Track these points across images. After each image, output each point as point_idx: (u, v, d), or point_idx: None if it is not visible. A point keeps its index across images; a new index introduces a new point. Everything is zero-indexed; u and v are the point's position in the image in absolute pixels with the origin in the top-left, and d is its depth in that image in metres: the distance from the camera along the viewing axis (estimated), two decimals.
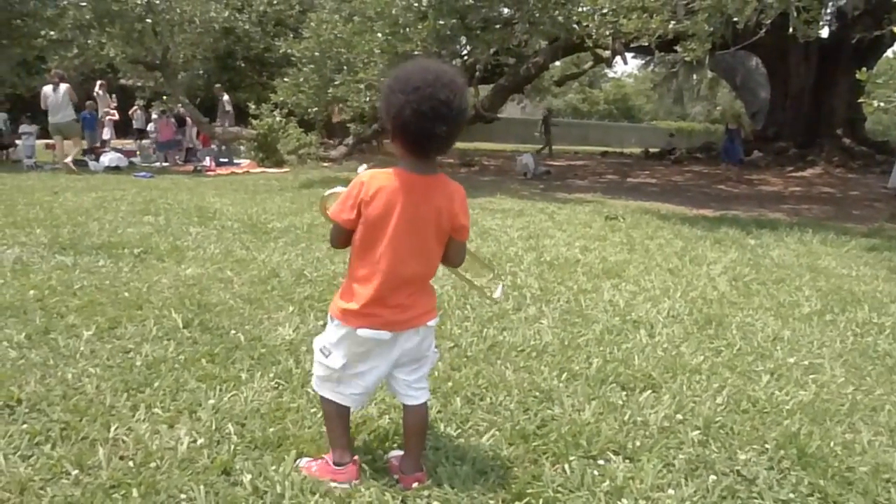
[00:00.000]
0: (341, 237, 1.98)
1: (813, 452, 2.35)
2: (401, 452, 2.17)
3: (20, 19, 13.50)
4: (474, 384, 2.81)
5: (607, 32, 11.05)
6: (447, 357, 3.12)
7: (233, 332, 3.29)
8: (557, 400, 2.71)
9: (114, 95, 17.36)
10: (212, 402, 2.48)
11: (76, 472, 2.01)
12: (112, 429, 2.27)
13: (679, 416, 2.61)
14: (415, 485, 2.04)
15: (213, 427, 2.30)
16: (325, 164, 15.78)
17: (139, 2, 12.98)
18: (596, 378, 2.95)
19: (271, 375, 2.76)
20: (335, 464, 2.04)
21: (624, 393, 2.83)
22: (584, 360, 3.19)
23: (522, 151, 21.66)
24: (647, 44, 9.98)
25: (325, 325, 2.13)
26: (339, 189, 2.05)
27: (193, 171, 14.04)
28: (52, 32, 12.95)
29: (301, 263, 4.91)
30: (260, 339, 3.22)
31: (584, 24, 11.27)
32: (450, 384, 2.77)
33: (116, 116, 16.92)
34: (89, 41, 13.36)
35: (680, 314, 4.08)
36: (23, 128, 13.98)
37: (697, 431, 2.49)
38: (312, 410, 2.46)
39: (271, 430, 2.29)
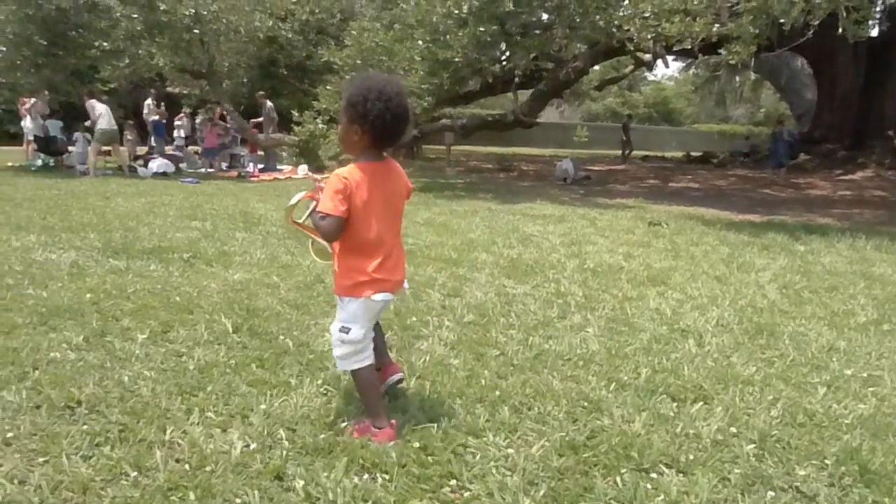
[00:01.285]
0: (338, 229, 2.27)
1: (876, 469, 2.27)
2: None
3: (75, 31, 13.97)
4: (521, 393, 2.79)
5: (649, 36, 10.93)
6: (493, 365, 3.11)
7: (281, 337, 3.33)
8: (606, 410, 2.68)
9: (162, 104, 17.83)
10: (263, 406, 2.51)
11: (135, 473, 2.06)
12: (168, 431, 2.32)
13: (733, 429, 2.55)
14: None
15: (265, 432, 2.34)
16: None
17: (187, 13, 13.29)
18: (645, 388, 2.91)
19: (319, 382, 2.79)
20: (376, 427, 2.33)
21: (674, 404, 2.78)
22: (632, 369, 3.15)
23: (561, 156, 21.55)
24: (689, 47, 9.83)
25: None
26: (299, 196, 2.43)
27: (237, 176, 14.31)
28: (105, 43, 13.35)
29: None
30: (307, 344, 3.26)
31: (625, 27, 11.15)
32: (497, 393, 2.76)
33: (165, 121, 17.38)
34: (140, 51, 13.73)
35: (729, 323, 4.00)
36: (76, 136, 14.45)
37: (752, 445, 2.44)
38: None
39: (322, 436, 2.32)
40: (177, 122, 17.62)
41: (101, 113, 12.63)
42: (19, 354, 2.98)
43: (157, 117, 16.67)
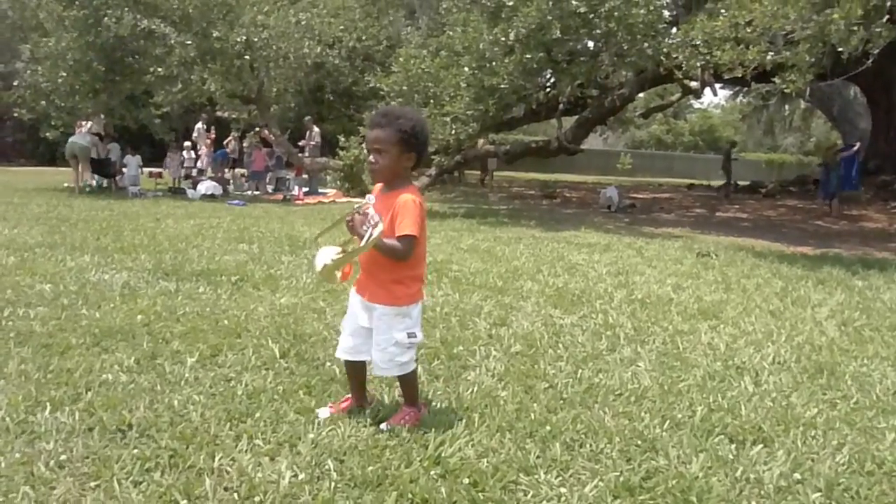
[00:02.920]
0: (414, 247, 2.50)
1: None
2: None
3: (132, 57, 14.48)
4: (573, 429, 2.71)
5: (698, 64, 10.82)
6: (543, 398, 3.03)
7: (328, 363, 3.32)
8: (662, 450, 2.58)
9: (212, 128, 18.34)
10: (311, 436, 2.49)
11: (184, 502, 2.04)
12: (216, 458, 2.31)
13: (797, 476, 2.43)
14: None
15: (313, 462, 2.31)
16: None
17: (239, 39, 13.68)
18: (701, 428, 2.80)
19: (367, 411, 2.76)
20: (418, 409, 2.70)
21: (733, 446, 2.67)
22: (686, 407, 3.04)
23: (605, 184, 21.37)
24: (740, 75, 9.68)
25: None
26: (337, 251, 2.55)
27: (283, 199, 14.56)
28: (159, 69, 13.81)
29: None
30: None
31: (674, 55, 11.06)
32: (548, 428, 2.69)
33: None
34: (192, 77, 14.16)
35: (787, 361, 3.84)
36: (127, 158, 14.92)
37: (819, 494, 2.31)
38: (412, 447, 2.43)
39: (370, 468, 2.27)
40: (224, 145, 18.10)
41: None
42: (73, 375, 3.03)
43: (208, 141, 17.14)
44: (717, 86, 18.90)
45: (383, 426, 2.59)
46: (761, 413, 3.01)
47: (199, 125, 16.96)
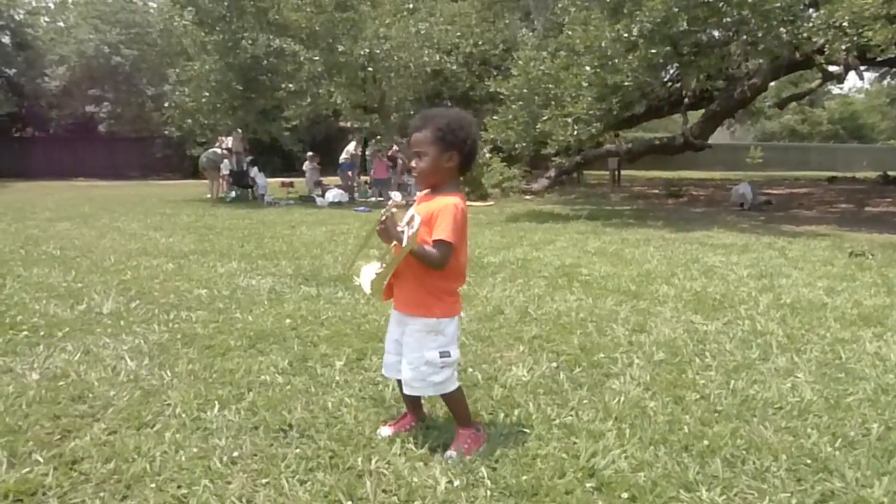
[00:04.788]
0: (451, 255, 2.31)
1: None
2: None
3: (265, 75, 15.43)
4: (732, 444, 2.56)
5: (843, 47, 9.98)
6: (695, 410, 2.89)
7: (469, 369, 3.34)
8: (836, 471, 2.37)
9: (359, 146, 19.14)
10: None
11: (349, 502, 2.12)
12: (373, 461, 2.38)
13: None
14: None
15: (467, 469, 2.32)
16: (528, 197, 15.96)
17: (362, 52, 14.20)
18: (880, 448, 2.56)
19: (515, 418, 2.75)
20: (478, 431, 2.52)
21: None
22: (858, 424, 2.79)
23: (734, 180, 20.24)
24: (895, 55, 8.83)
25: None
26: (378, 266, 2.44)
27: (405, 205, 14.91)
28: (290, 85, 14.62)
29: (523, 300, 4.93)
30: (496, 378, 3.24)
31: (815, 39, 10.27)
32: (705, 442, 2.55)
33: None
34: (320, 90, 14.86)
35: None
36: (254, 170, 15.91)
37: None
38: (563, 457, 2.39)
39: (524, 477, 2.26)
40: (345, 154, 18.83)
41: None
42: (235, 375, 3.24)
43: (348, 156, 17.86)
44: (862, 68, 17.40)
45: (448, 455, 2.40)
46: None
47: (352, 145, 17.80)
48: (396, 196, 2.50)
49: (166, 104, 17.58)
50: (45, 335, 3.89)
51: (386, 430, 2.61)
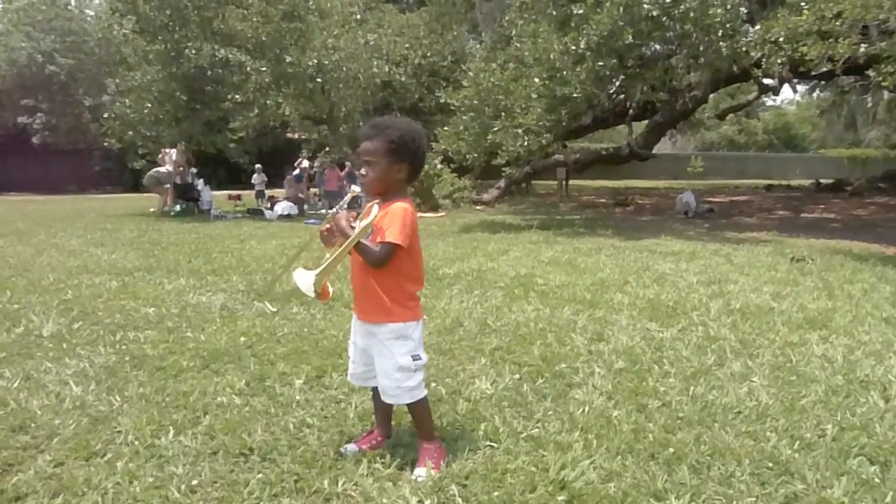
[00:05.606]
0: (391, 256, 2.32)
1: None
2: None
3: (211, 86, 15.10)
4: (697, 451, 2.59)
5: (779, 61, 10.39)
6: (658, 418, 2.92)
7: (433, 384, 3.30)
8: (797, 473, 2.43)
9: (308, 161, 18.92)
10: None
11: None
12: (340, 483, 2.31)
13: None
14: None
15: (436, 487, 2.28)
16: (478, 208, 16.04)
17: (311, 63, 14.06)
18: (836, 448, 2.63)
19: (481, 433, 2.71)
20: (439, 447, 2.49)
21: (875, 468, 2.49)
22: (814, 426, 2.86)
23: (676, 188, 20.81)
24: (826, 69, 9.24)
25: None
26: (316, 271, 2.30)
27: (356, 217, 14.78)
28: (237, 95, 14.35)
29: (481, 312, 4.91)
30: (460, 392, 3.20)
31: (753, 53, 10.67)
32: (670, 450, 2.58)
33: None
34: (268, 101, 14.63)
35: None
36: (199, 183, 15.53)
37: None
38: (532, 471, 2.37)
39: (495, 493, 2.23)
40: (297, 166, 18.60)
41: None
42: (189, 398, 3.11)
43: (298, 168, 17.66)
44: (794, 81, 18.19)
45: (416, 477, 2.35)
46: None
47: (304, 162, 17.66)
48: (355, 189, 2.43)
49: (105, 115, 17.00)
50: None
51: (352, 447, 2.56)
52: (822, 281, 6.34)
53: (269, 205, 15.56)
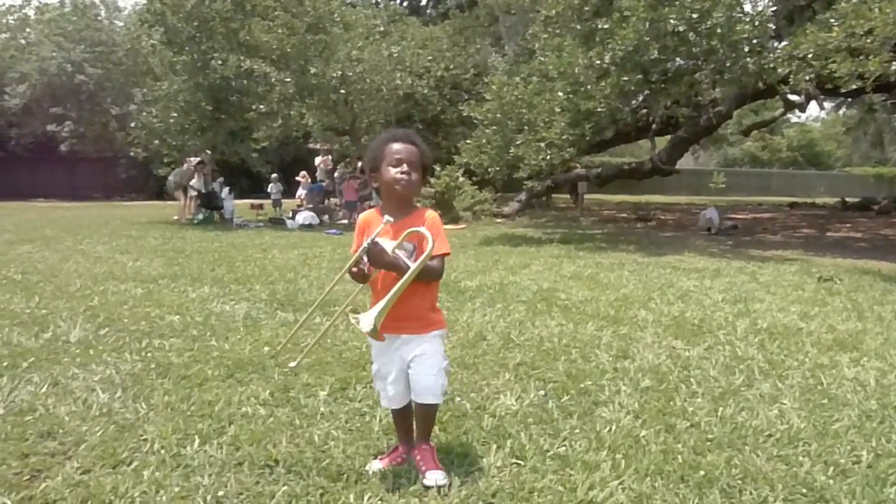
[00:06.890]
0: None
1: None
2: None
3: (235, 96, 15.28)
4: (728, 474, 2.54)
5: (807, 77, 10.28)
6: (687, 439, 2.86)
7: (458, 398, 3.28)
8: (833, 501, 2.37)
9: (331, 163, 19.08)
10: (456, 477, 2.43)
11: None
12: (366, 498, 2.29)
13: None
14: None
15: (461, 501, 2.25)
16: (499, 221, 16.01)
17: (335, 75, 14.18)
18: (872, 476, 2.56)
19: (507, 450, 2.68)
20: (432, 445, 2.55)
21: None
22: (848, 451, 2.79)
23: (698, 204, 20.63)
24: (856, 87, 9.13)
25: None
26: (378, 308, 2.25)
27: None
28: (261, 106, 14.50)
29: (504, 326, 4.88)
30: (484, 408, 3.18)
31: (780, 69, 10.57)
32: (701, 473, 2.52)
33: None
34: (291, 112, 14.77)
35: None
36: (224, 192, 15.69)
37: None
38: (560, 490, 2.34)
39: None
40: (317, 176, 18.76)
41: None
42: (214, 408, 3.11)
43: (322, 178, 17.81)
44: (821, 98, 17.99)
45: (436, 482, 2.34)
46: None
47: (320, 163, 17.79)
48: (389, 219, 2.37)
49: (132, 124, 17.27)
50: (8, 366, 3.71)
51: (377, 464, 2.53)
52: (850, 301, 6.22)
53: (290, 214, 15.65)
